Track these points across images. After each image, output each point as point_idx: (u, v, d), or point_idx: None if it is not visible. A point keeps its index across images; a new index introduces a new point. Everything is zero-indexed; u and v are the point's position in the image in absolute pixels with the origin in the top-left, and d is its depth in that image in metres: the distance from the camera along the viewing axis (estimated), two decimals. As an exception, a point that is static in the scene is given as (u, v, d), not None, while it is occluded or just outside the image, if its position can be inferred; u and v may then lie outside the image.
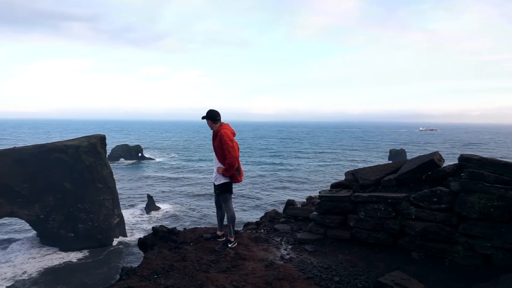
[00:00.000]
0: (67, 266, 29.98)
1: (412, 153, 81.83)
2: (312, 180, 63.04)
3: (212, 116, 6.02)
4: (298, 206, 8.61)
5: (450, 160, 7.27)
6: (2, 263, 30.10)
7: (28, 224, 35.09)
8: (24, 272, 28.46)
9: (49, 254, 32.17)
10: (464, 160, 5.59)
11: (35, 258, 31.26)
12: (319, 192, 6.84)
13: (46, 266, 29.64)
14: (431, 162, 5.82)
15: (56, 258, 31.36)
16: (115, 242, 34.65)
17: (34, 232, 35.61)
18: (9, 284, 26.70)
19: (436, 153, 6.02)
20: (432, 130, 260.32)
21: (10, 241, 35.03)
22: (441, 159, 5.98)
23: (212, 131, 6.19)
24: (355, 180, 6.80)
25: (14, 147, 37.60)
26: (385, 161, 73.02)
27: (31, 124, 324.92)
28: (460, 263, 5.14)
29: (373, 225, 5.93)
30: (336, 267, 5.34)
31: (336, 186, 7.06)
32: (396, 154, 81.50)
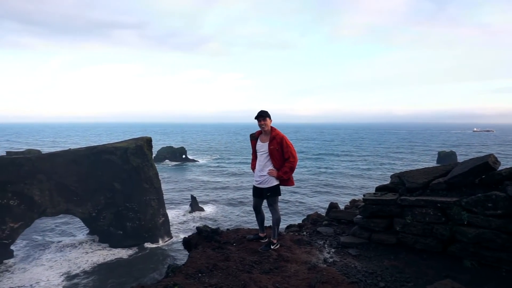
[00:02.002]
0: (118, 262, 31.53)
1: (464, 156, 77.63)
2: (356, 183, 61.59)
3: (270, 117, 6.04)
4: (341, 209, 8.46)
5: (507, 163, 6.82)
6: (58, 257, 32.23)
7: (81, 221, 37.29)
8: (79, 267, 30.29)
9: (100, 250, 34.00)
10: (523, 163, 5.21)
11: (87, 253, 33.17)
12: (364, 195, 6.67)
13: (99, 262, 31.37)
14: (485, 165, 5.48)
15: (107, 254, 33.08)
16: (160, 240, 35.89)
17: (87, 229, 37.78)
18: (65, 278, 28.53)
19: (491, 155, 5.66)
20: (488, 131, 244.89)
21: (65, 237, 37.43)
22: (497, 162, 5.61)
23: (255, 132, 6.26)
24: (401, 183, 6.56)
25: (69, 149, 40.16)
26: (433, 164, 69.64)
27: (83, 127, 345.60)
28: (519, 274, 4.79)
29: (420, 230, 5.69)
30: (382, 273, 5.18)
31: (381, 189, 6.86)
32: (446, 157, 77.51)
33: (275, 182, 5.97)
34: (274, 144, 5.90)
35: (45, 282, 27.63)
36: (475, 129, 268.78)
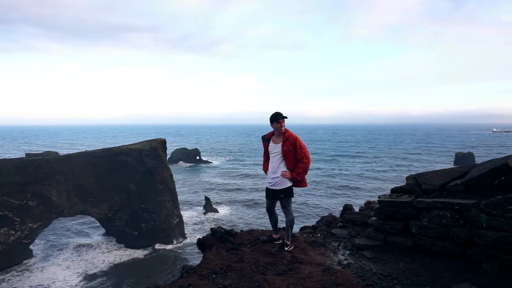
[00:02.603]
0: (133, 262, 31.92)
1: (482, 157, 75.97)
2: (371, 185, 60.91)
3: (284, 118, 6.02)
4: (355, 211, 8.38)
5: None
6: (75, 257, 32.79)
7: (97, 222, 37.86)
8: (96, 266, 30.77)
9: (116, 250, 34.48)
10: (544, 164, 5.07)
11: (104, 253, 33.68)
12: (379, 197, 6.59)
13: (115, 262, 31.82)
14: (505, 166, 5.34)
15: (123, 254, 33.52)
16: (175, 241, 36.17)
17: (103, 229, 38.35)
18: (83, 277, 29.00)
19: (511, 156, 5.52)
20: (508, 131, 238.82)
21: (81, 237, 38.06)
22: (517, 163, 5.47)
23: (267, 134, 6.26)
24: (417, 184, 6.46)
25: (86, 150, 40.87)
26: (450, 165, 68.41)
27: (99, 129, 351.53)
28: (541, 278, 4.65)
29: (437, 232, 5.58)
30: (398, 276, 5.11)
31: (396, 190, 6.76)
32: (463, 158, 75.94)
33: (289, 184, 5.95)
34: (287, 145, 5.89)
35: (62, 282, 28.17)
36: (494, 129, 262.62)
